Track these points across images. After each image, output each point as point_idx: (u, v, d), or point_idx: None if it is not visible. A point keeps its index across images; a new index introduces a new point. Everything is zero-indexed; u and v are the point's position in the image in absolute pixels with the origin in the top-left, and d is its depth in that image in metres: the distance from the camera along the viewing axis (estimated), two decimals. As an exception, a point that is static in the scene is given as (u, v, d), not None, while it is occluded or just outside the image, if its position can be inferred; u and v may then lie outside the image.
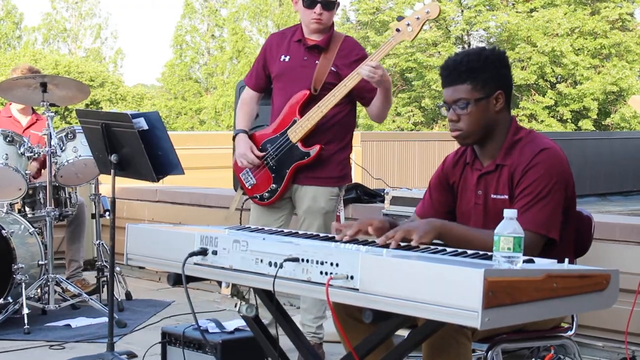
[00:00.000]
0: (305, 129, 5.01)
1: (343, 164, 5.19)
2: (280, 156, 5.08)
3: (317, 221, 5.08)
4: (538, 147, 3.33)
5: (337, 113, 5.06)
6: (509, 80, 3.45)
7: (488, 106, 3.36)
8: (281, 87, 5.17)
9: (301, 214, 5.17)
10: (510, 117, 3.44)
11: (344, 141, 5.18)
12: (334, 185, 5.16)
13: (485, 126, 3.37)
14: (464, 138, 3.41)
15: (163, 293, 7.38)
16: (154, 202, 8.54)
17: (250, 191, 5.23)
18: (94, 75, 35.52)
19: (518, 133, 3.41)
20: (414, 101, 35.56)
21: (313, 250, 2.71)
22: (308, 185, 5.12)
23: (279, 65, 5.17)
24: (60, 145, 6.38)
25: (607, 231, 5.31)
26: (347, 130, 5.20)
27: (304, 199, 5.13)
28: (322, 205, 5.11)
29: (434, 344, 3.00)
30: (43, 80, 6.33)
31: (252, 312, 3.21)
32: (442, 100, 3.45)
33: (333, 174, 5.13)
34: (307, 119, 5.00)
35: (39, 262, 6.26)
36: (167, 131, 5.29)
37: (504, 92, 3.38)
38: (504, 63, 3.43)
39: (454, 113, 3.38)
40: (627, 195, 20.40)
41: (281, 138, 5.07)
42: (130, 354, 5.31)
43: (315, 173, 5.09)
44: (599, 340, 5.37)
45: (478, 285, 2.30)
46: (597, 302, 2.69)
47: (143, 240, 3.38)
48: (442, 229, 3.17)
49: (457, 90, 3.36)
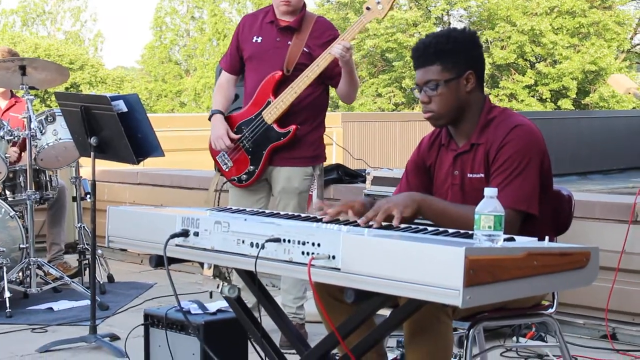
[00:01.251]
0: (280, 110, 5.02)
1: (316, 144, 5.22)
2: (256, 138, 5.10)
3: (292, 201, 5.12)
4: (512, 124, 3.34)
5: (310, 93, 5.09)
6: (480, 61, 3.46)
7: (458, 87, 3.37)
8: (254, 68, 5.18)
9: (276, 194, 5.21)
10: (484, 96, 3.45)
11: (317, 121, 5.21)
12: (308, 165, 5.19)
13: (457, 107, 3.39)
14: (436, 119, 3.43)
15: (145, 275, 7.37)
16: (135, 184, 8.52)
17: (227, 173, 5.25)
18: (73, 58, 35.29)
19: (492, 112, 3.43)
20: (395, 82, 35.53)
21: (294, 230, 2.72)
22: (282, 167, 5.14)
23: (251, 46, 5.18)
24: (40, 128, 6.35)
25: (587, 209, 5.34)
26: (320, 110, 5.23)
27: (279, 180, 5.16)
28: (296, 186, 5.14)
29: (415, 323, 3.01)
30: (22, 64, 6.30)
31: (234, 293, 3.22)
32: (414, 82, 3.46)
33: (306, 154, 5.17)
34: (281, 100, 5.02)
35: (20, 246, 6.24)
36: (147, 113, 5.28)
37: (474, 72, 3.39)
38: (474, 43, 3.44)
39: (425, 95, 3.39)
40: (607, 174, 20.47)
41: (256, 120, 5.09)
42: (112, 337, 5.31)
43: (290, 153, 5.12)
44: (579, 318, 5.41)
45: (459, 263, 2.32)
46: (578, 279, 2.71)
47: (124, 222, 3.38)
48: (423, 202, 3.18)
49: (427, 71, 3.37)
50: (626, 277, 5.18)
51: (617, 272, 5.14)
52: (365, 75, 36.11)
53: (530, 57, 34.06)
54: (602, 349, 5.10)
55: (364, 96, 34.92)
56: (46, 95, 29.72)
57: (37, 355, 5.10)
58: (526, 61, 34.29)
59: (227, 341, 3.73)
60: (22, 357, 5.07)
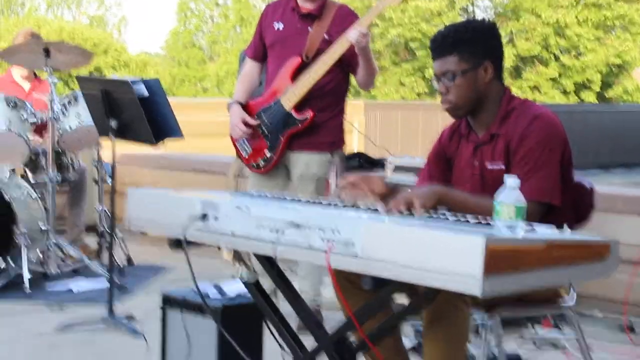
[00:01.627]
0: (298, 96, 5.03)
1: (336, 130, 5.22)
2: (274, 124, 5.11)
3: (310, 187, 5.12)
4: (532, 114, 3.33)
5: (331, 80, 5.09)
6: (498, 51, 3.44)
7: (476, 77, 3.35)
8: (275, 55, 5.20)
9: (294, 180, 5.22)
10: (504, 87, 3.43)
11: (337, 108, 5.21)
12: (327, 151, 5.19)
13: (475, 97, 3.37)
14: (454, 110, 3.42)
15: (164, 258, 7.39)
16: (156, 168, 8.55)
17: (247, 160, 5.27)
18: (97, 42, 35.41)
19: (511, 102, 3.41)
20: (418, 71, 35.45)
21: (314, 216, 2.71)
22: (301, 152, 5.15)
23: (273, 33, 5.19)
24: (63, 111, 6.37)
25: (608, 202, 5.32)
26: (340, 97, 5.23)
27: (297, 165, 5.17)
28: (315, 172, 5.15)
29: (433, 311, 3.01)
30: (46, 46, 6.32)
31: (252, 278, 3.22)
32: (433, 73, 3.45)
33: (325, 140, 5.17)
34: (299, 86, 5.03)
35: (41, 227, 6.27)
36: (169, 98, 5.30)
37: (492, 62, 3.37)
38: (492, 34, 3.43)
39: (443, 85, 3.38)
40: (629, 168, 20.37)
41: (275, 106, 5.10)
42: (130, 318, 5.33)
43: (309, 139, 5.13)
44: (598, 310, 5.39)
45: (479, 252, 2.30)
46: (597, 271, 2.69)
47: (144, 204, 3.38)
48: (444, 195, 3.17)
49: (445, 62, 3.36)
50: (646, 271, 5.16)
51: (637, 266, 5.12)
52: (388, 64, 36.04)
53: (554, 50, 33.89)
54: (619, 342, 5.08)
55: (387, 85, 34.88)
56: (70, 78, 29.83)
57: (55, 334, 5.13)
58: (550, 53, 34.13)
59: (244, 325, 3.73)
60: (41, 336, 5.10)
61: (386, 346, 3.39)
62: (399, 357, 3.49)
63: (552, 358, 4.80)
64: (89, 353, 4.80)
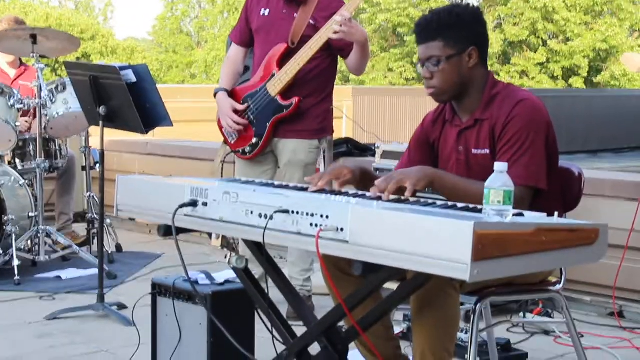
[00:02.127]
0: (283, 82, 5.03)
1: (323, 117, 5.22)
2: (260, 110, 5.12)
3: (297, 174, 5.12)
4: (516, 99, 3.33)
5: (317, 66, 5.09)
6: (483, 37, 3.44)
7: (461, 63, 3.36)
8: (261, 40, 5.20)
9: (282, 167, 5.23)
10: (487, 72, 3.44)
11: (324, 94, 5.21)
12: (314, 138, 5.20)
13: (459, 83, 3.38)
14: (438, 95, 3.42)
15: (153, 245, 7.39)
16: (144, 154, 8.53)
17: (233, 145, 5.27)
18: (84, 28, 35.27)
19: (495, 87, 3.41)
20: (406, 56, 35.44)
21: (303, 202, 2.71)
22: (288, 139, 5.15)
23: (259, 19, 5.19)
24: (50, 97, 6.35)
25: (597, 187, 5.32)
26: (327, 83, 5.22)
27: (285, 152, 5.17)
28: (302, 158, 5.15)
29: (422, 297, 3.01)
30: (33, 32, 6.29)
31: (242, 264, 3.22)
32: (417, 58, 3.45)
33: (312, 127, 5.17)
34: (285, 72, 5.03)
35: (29, 214, 6.26)
36: (157, 84, 5.28)
37: (477, 48, 3.38)
38: (477, 19, 3.43)
39: (427, 70, 3.39)
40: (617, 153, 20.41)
41: (260, 92, 5.10)
42: (120, 305, 5.33)
43: (295, 126, 5.13)
44: (587, 295, 5.41)
45: (468, 237, 2.31)
46: (586, 256, 2.70)
47: (133, 191, 3.38)
48: (435, 176, 3.17)
49: (429, 47, 3.36)
50: (635, 255, 5.18)
51: (626, 250, 5.13)
52: (376, 49, 36.02)
53: (542, 35, 33.91)
54: (609, 327, 5.10)
55: (375, 71, 34.87)
56: (57, 64, 29.74)
57: (45, 322, 5.12)
58: (538, 38, 34.14)
59: (234, 311, 3.73)
60: (30, 325, 5.09)
61: (376, 333, 3.40)
62: (390, 344, 3.50)
63: (542, 343, 4.82)
64: (79, 341, 4.79)
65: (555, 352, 4.66)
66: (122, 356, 4.44)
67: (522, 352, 4.56)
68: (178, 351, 3.80)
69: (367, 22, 35.70)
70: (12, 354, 4.55)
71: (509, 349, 4.51)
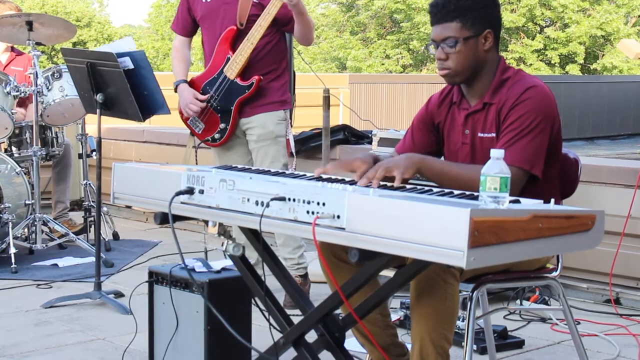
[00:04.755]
0: (240, 64, 5.07)
1: (282, 90, 5.27)
2: (222, 95, 5.14)
3: (271, 148, 5.17)
4: (526, 84, 3.32)
5: (268, 42, 5.14)
6: (498, 20, 3.43)
7: (477, 45, 3.34)
8: (207, 27, 5.24)
9: (254, 144, 5.23)
10: (499, 56, 3.42)
11: (280, 68, 5.25)
12: (278, 109, 5.23)
13: (474, 65, 3.36)
14: (452, 77, 3.39)
15: (150, 233, 7.39)
16: (141, 142, 8.53)
17: (201, 136, 5.30)
18: (80, 15, 35.17)
19: (506, 72, 3.40)
20: (403, 43, 35.37)
21: (300, 189, 2.71)
22: (255, 115, 5.19)
23: (202, 6, 5.22)
24: (46, 85, 6.34)
25: (593, 174, 5.33)
26: (281, 57, 5.27)
27: (254, 129, 5.21)
28: (272, 129, 5.19)
29: (421, 284, 3.01)
30: (29, 19, 6.27)
31: (238, 252, 3.22)
32: (430, 39, 3.43)
33: (274, 99, 5.22)
34: (239, 53, 5.06)
35: (26, 202, 6.26)
36: (153, 71, 5.27)
37: (492, 31, 3.36)
38: (493, 2, 3.41)
39: (442, 51, 3.36)
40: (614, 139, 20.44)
41: (219, 78, 5.13)
42: (117, 293, 5.33)
43: (258, 102, 5.18)
44: (583, 282, 5.42)
45: (464, 224, 2.31)
46: (583, 242, 2.70)
47: (130, 179, 3.38)
48: (422, 163, 3.16)
49: (446, 28, 3.33)
50: (631, 242, 5.18)
51: (623, 237, 5.14)
52: (373, 36, 35.95)
53: (540, 21, 33.85)
54: (605, 313, 5.11)
55: (372, 57, 34.80)
56: (53, 52, 29.67)
57: (42, 310, 5.12)
58: (536, 25, 34.09)
59: (231, 299, 3.73)
60: (27, 312, 5.09)
61: (373, 321, 3.40)
62: (387, 332, 3.50)
63: (539, 330, 4.83)
64: (76, 329, 4.79)
65: (552, 339, 4.67)
66: (119, 344, 4.45)
67: (519, 339, 4.57)
68: (175, 339, 3.80)
69: (363, 9, 35.65)
70: (9, 342, 4.55)
71: (506, 336, 4.52)
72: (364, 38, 36.79)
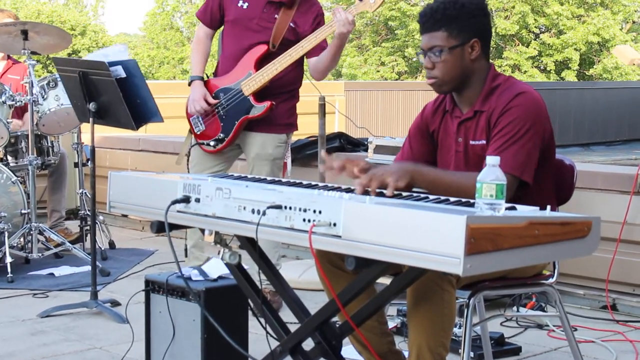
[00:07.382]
0: (259, 84, 5.05)
1: (290, 112, 5.25)
2: (231, 107, 5.13)
3: (265, 168, 5.14)
4: (515, 91, 3.33)
5: (291, 69, 5.12)
6: (487, 29, 3.44)
7: (463, 54, 3.35)
8: (235, 33, 5.18)
9: (250, 161, 5.24)
10: (489, 64, 3.43)
11: (292, 92, 5.24)
12: (282, 132, 5.21)
13: (461, 74, 3.37)
14: (439, 86, 3.42)
15: (146, 242, 7.39)
16: (137, 151, 8.52)
17: (198, 136, 5.28)
18: (75, 24, 35.18)
19: (496, 79, 3.41)
20: (398, 50, 35.41)
21: (296, 197, 2.71)
22: (256, 132, 5.17)
23: (236, 10, 5.17)
24: (42, 94, 6.34)
25: (589, 180, 5.33)
26: (295, 81, 5.25)
27: (253, 146, 5.19)
28: (270, 152, 5.17)
29: (418, 291, 3.01)
30: (24, 28, 6.27)
31: (235, 260, 3.21)
32: (419, 47, 3.45)
33: (281, 121, 5.20)
34: (261, 74, 5.04)
35: (22, 211, 6.25)
36: (149, 80, 5.27)
37: (480, 40, 3.37)
38: (481, 11, 3.42)
39: (429, 60, 3.38)
40: (610, 145, 20.45)
41: (234, 89, 5.11)
42: (113, 302, 5.32)
43: (263, 122, 5.15)
44: (580, 289, 5.41)
45: (460, 231, 2.31)
46: (579, 249, 2.70)
47: (126, 188, 3.38)
48: (415, 172, 3.17)
49: (433, 37, 3.36)
50: (627, 248, 5.19)
51: (619, 243, 5.14)
52: (368, 43, 35.98)
53: (533, 29, 33.91)
54: (602, 320, 5.11)
55: (367, 65, 34.83)
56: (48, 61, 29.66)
57: (38, 320, 5.11)
58: (530, 32, 34.14)
59: (228, 308, 3.73)
60: (24, 322, 5.08)
61: (370, 328, 3.40)
62: (384, 339, 3.50)
63: (536, 337, 4.83)
64: (72, 338, 4.78)
65: (548, 346, 4.67)
66: (116, 353, 4.44)
67: (516, 345, 4.56)
68: (172, 348, 3.80)
69: (358, 16, 35.61)
70: (5, 351, 4.54)
71: (503, 343, 4.52)
72: (359, 45, 36.84)
